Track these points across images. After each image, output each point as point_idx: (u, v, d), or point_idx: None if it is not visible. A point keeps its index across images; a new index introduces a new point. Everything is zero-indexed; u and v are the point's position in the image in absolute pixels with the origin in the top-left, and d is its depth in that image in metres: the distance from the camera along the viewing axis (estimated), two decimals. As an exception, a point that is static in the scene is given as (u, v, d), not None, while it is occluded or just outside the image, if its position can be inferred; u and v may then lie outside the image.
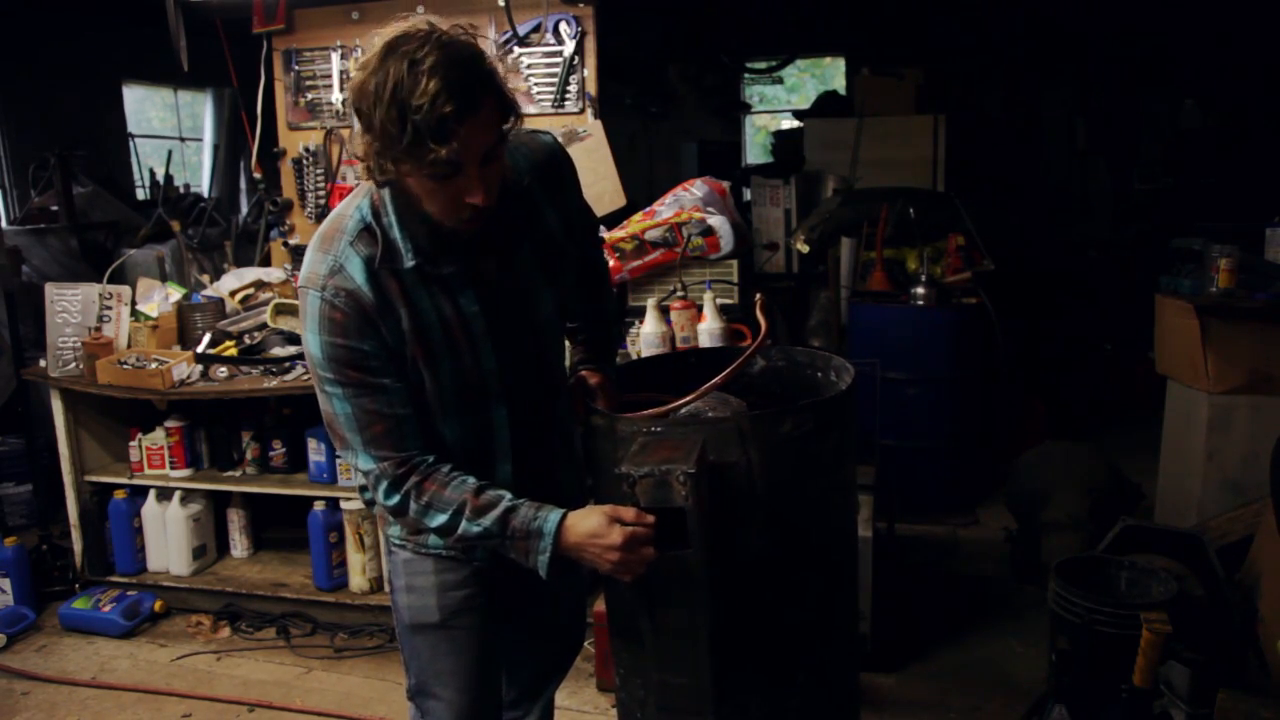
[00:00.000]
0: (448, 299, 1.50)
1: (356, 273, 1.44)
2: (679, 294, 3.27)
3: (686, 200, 3.37)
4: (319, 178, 3.92)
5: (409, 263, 1.46)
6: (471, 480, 1.51)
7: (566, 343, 1.82)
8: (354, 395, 1.47)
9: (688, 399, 1.63)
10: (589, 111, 3.61)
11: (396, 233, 1.46)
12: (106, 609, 3.40)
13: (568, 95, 3.61)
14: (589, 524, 1.45)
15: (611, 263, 3.33)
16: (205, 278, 4.08)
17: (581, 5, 3.54)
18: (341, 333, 1.44)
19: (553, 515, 1.48)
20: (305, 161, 3.92)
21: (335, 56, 3.81)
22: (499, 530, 1.48)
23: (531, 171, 1.58)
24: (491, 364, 1.54)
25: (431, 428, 1.56)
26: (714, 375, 1.63)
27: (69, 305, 3.46)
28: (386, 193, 1.46)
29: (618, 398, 1.76)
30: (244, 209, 6.91)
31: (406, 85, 1.28)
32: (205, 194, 7.43)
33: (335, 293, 1.44)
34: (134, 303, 3.62)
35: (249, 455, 3.56)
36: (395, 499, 1.51)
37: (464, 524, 1.49)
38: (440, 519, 1.50)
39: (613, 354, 1.89)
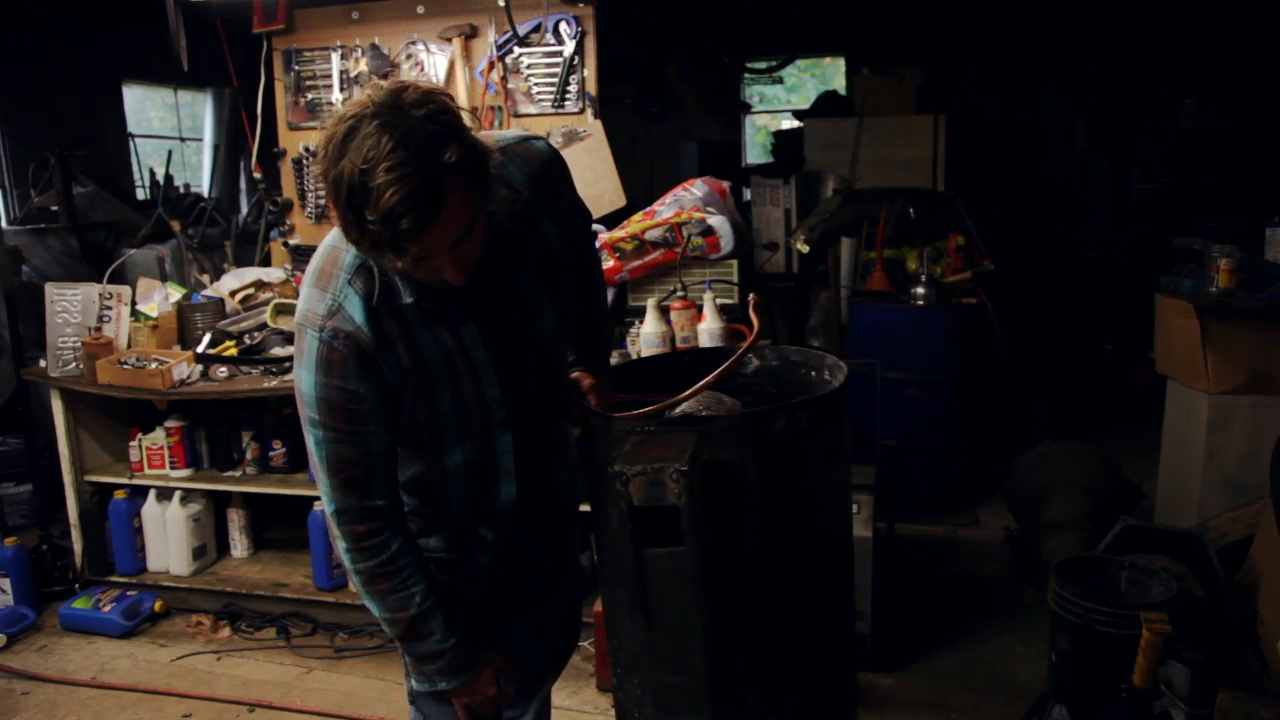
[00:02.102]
0: (448, 331, 1.47)
1: (356, 312, 1.40)
2: (679, 294, 3.27)
3: (686, 200, 3.37)
4: (319, 178, 3.91)
5: (407, 299, 1.42)
6: (418, 593, 1.52)
7: None
8: (334, 440, 1.44)
9: (680, 398, 1.63)
10: (589, 111, 3.61)
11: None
12: (106, 609, 3.40)
13: (568, 95, 3.61)
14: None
15: (611, 263, 3.33)
16: (205, 278, 4.08)
17: (581, 5, 3.54)
18: (339, 374, 1.41)
19: (444, 685, 1.60)
20: (305, 161, 3.92)
21: (335, 56, 3.81)
22: (407, 651, 1.59)
23: (529, 185, 1.53)
24: (495, 392, 1.52)
25: (430, 460, 1.57)
26: (709, 375, 1.63)
27: (69, 305, 3.46)
28: None
29: (611, 398, 1.76)
30: (244, 209, 6.92)
31: (359, 196, 1.22)
32: (205, 194, 7.42)
33: (334, 334, 1.40)
34: (134, 303, 3.62)
35: (249, 455, 3.56)
36: (345, 555, 1.52)
37: (386, 627, 1.57)
38: (373, 608, 1.55)
39: (607, 354, 1.89)
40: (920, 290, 4.07)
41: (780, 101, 9.53)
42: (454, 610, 1.56)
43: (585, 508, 1.82)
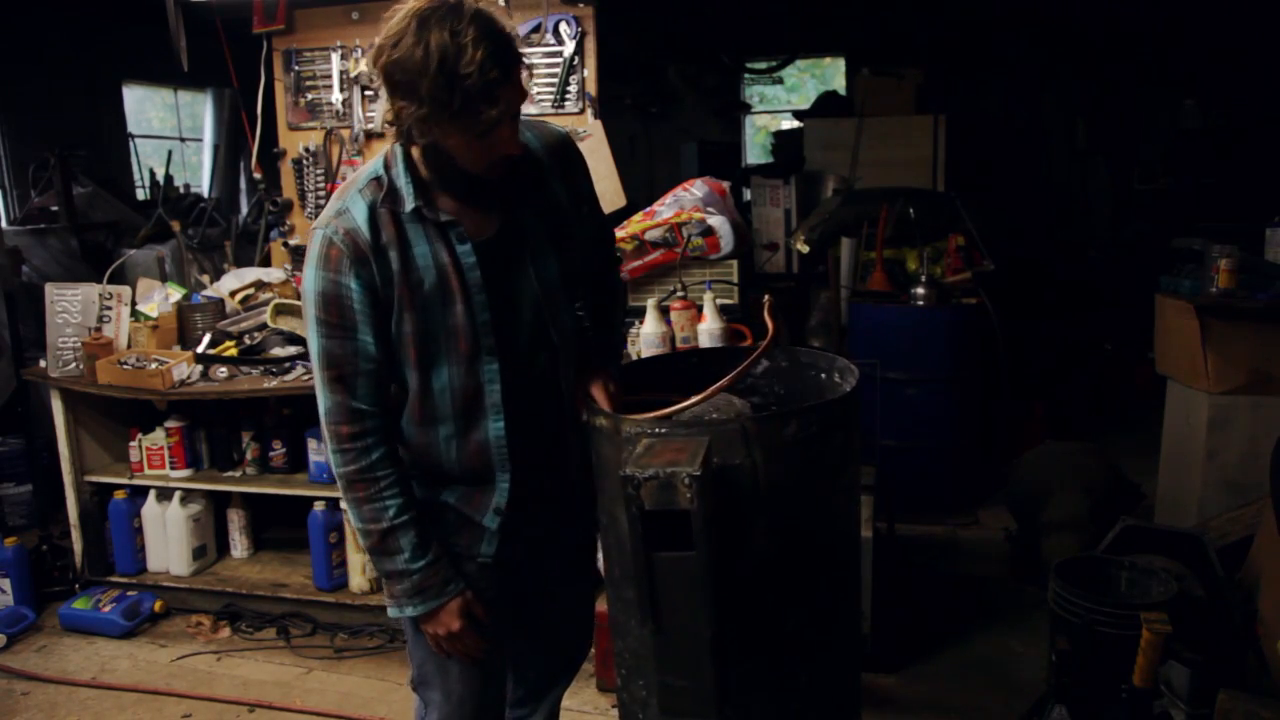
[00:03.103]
0: (445, 247, 1.57)
1: (359, 214, 1.55)
2: (679, 294, 3.27)
3: (686, 200, 3.37)
4: (319, 178, 3.92)
5: (409, 206, 1.55)
6: (393, 507, 1.60)
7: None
8: (326, 335, 1.57)
9: (693, 400, 1.62)
10: (589, 111, 3.61)
11: (402, 180, 1.56)
12: (106, 609, 3.40)
13: (568, 95, 3.61)
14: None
15: (612, 263, 3.33)
16: (205, 278, 4.07)
17: (581, 5, 3.54)
18: (334, 268, 1.54)
19: (411, 610, 1.65)
20: (305, 161, 3.92)
21: (335, 56, 3.80)
22: (378, 567, 1.66)
23: (541, 149, 1.68)
24: (485, 317, 1.60)
25: (417, 380, 1.62)
26: (715, 376, 1.63)
27: (69, 305, 3.46)
28: (398, 149, 1.57)
29: (621, 399, 1.76)
30: (244, 209, 6.91)
31: (453, 55, 1.39)
32: (205, 194, 7.42)
33: (336, 230, 1.55)
34: (134, 303, 3.62)
35: (249, 455, 3.55)
36: (332, 456, 1.62)
37: (360, 538, 1.66)
38: (351, 515, 1.65)
39: (618, 356, 1.90)
40: (920, 290, 4.07)
41: (780, 101, 9.53)
42: (428, 534, 1.64)
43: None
